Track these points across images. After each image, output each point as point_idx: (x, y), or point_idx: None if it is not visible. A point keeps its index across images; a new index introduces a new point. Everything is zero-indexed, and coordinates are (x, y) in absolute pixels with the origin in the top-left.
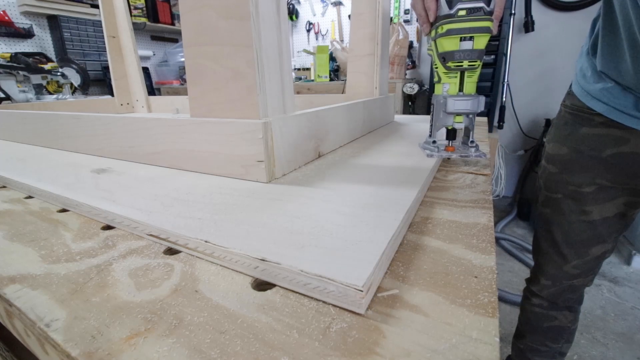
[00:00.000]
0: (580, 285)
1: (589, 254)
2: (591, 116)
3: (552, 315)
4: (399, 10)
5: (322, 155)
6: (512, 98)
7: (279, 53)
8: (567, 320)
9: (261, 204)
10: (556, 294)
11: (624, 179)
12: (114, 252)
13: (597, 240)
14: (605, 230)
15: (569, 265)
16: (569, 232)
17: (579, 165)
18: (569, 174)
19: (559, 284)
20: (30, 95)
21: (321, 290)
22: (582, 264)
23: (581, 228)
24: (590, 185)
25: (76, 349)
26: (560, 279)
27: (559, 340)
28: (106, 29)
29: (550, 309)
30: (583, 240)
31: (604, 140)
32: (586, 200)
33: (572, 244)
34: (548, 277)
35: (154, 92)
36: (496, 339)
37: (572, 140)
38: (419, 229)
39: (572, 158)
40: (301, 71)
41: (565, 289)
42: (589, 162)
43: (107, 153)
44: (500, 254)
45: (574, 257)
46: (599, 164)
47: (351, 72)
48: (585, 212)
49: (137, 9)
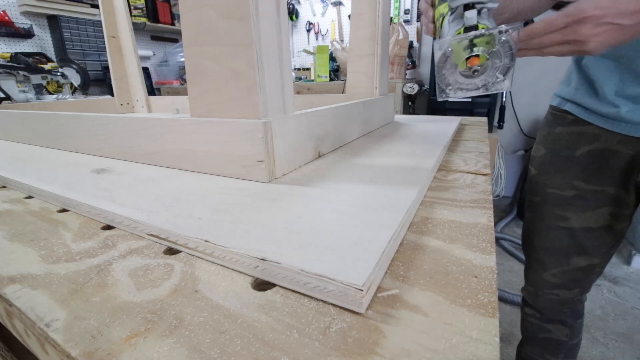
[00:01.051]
0: (568, 299)
1: (569, 264)
2: (564, 114)
3: (546, 328)
4: (399, 10)
5: (322, 155)
6: (512, 98)
7: (279, 53)
8: (562, 334)
9: (261, 203)
10: (544, 305)
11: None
12: (114, 252)
13: (579, 250)
14: (588, 242)
15: (548, 272)
16: (547, 238)
17: (554, 166)
18: (546, 176)
19: (541, 293)
20: (30, 95)
21: (321, 289)
22: (562, 273)
23: (559, 234)
24: (569, 189)
25: (76, 349)
26: (541, 287)
27: (557, 354)
28: (106, 29)
29: (543, 320)
30: (562, 247)
31: (576, 138)
32: (564, 205)
33: (550, 250)
34: (530, 283)
35: (154, 92)
36: (496, 339)
37: (549, 140)
38: (419, 229)
39: (548, 159)
40: (301, 71)
41: (551, 300)
42: (564, 163)
43: (107, 153)
44: (500, 254)
45: (553, 264)
46: (573, 164)
47: (351, 72)
48: (563, 218)
49: (137, 9)
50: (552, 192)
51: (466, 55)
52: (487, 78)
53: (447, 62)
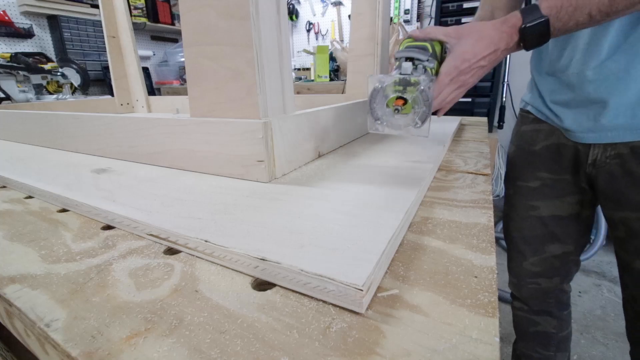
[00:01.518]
0: (549, 287)
1: (545, 252)
2: (527, 114)
3: (534, 320)
4: (399, 10)
5: (322, 155)
6: (512, 98)
7: (279, 53)
8: (550, 325)
9: (261, 203)
10: (528, 295)
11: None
12: (114, 252)
13: (551, 238)
14: (559, 230)
15: (527, 262)
16: (522, 228)
17: (520, 160)
18: (515, 170)
19: (523, 283)
20: (30, 95)
21: (321, 289)
22: (540, 261)
23: (532, 223)
24: (534, 180)
25: (76, 349)
26: (523, 277)
27: (548, 347)
28: (106, 29)
29: (530, 313)
30: (536, 236)
31: (536, 135)
32: (532, 195)
33: (526, 239)
34: (513, 274)
35: (154, 92)
36: (496, 339)
37: (517, 138)
38: (419, 229)
39: (517, 154)
40: (301, 71)
41: (534, 290)
42: (527, 157)
43: (107, 153)
44: (500, 254)
45: (530, 253)
46: (535, 157)
47: (351, 72)
48: (533, 207)
49: (137, 9)
50: (521, 185)
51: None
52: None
53: (377, 97)
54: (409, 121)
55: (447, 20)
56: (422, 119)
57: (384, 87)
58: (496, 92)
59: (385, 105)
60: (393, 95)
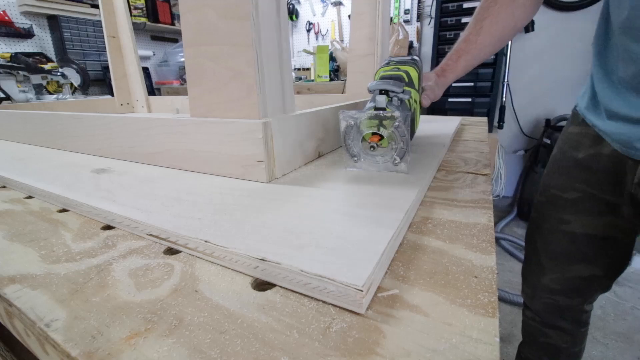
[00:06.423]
0: (568, 306)
1: (570, 271)
2: (577, 114)
3: (546, 332)
4: (399, 10)
5: (322, 155)
6: (512, 98)
7: (279, 53)
8: (562, 340)
9: (261, 204)
10: (540, 309)
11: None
12: (114, 252)
13: (580, 257)
14: (590, 251)
15: (546, 277)
16: (548, 241)
17: (559, 166)
18: (551, 176)
19: (538, 296)
20: (30, 95)
21: (321, 290)
22: (562, 279)
23: (560, 238)
24: (571, 190)
25: (76, 349)
26: (538, 290)
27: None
28: (106, 29)
29: (542, 325)
30: (563, 252)
31: (581, 139)
32: (565, 207)
33: (550, 253)
34: (528, 285)
35: (154, 92)
36: (496, 339)
37: (562, 140)
38: (419, 229)
39: (555, 158)
40: (301, 71)
41: (549, 305)
42: (568, 163)
43: (107, 153)
44: (500, 254)
45: (552, 269)
46: (576, 165)
47: (351, 72)
48: (564, 221)
49: (137, 9)
50: (555, 193)
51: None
52: (386, 157)
53: (351, 133)
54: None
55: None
56: (399, 155)
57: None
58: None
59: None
60: (368, 131)
